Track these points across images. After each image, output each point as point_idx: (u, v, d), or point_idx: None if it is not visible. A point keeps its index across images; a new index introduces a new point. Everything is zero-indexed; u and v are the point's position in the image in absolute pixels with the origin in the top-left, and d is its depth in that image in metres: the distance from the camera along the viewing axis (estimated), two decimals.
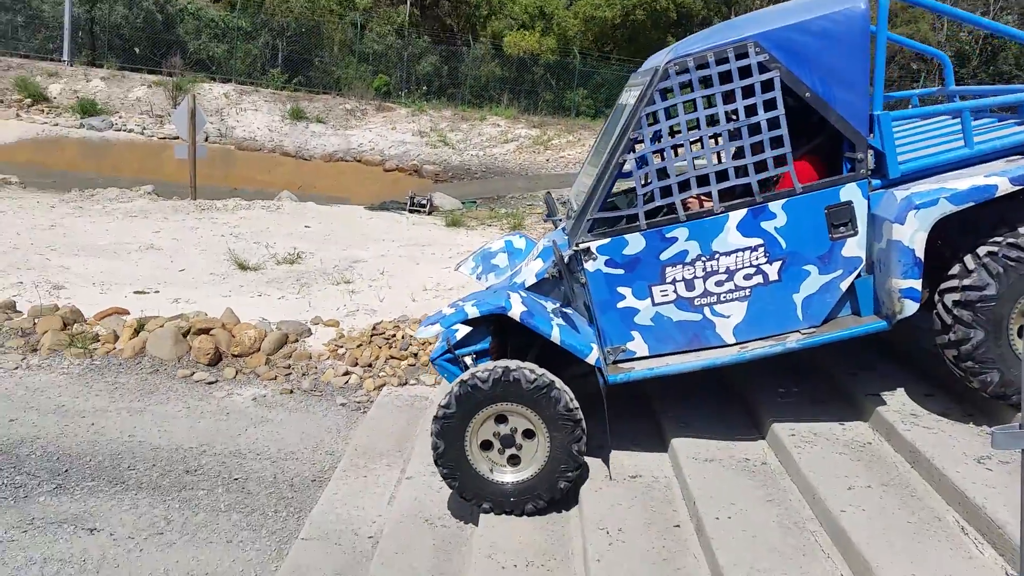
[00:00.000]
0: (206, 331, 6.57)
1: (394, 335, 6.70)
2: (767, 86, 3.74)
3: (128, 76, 26.00)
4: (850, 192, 3.72)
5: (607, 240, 3.87)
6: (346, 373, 6.28)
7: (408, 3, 32.76)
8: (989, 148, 3.79)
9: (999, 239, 3.52)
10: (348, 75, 28.85)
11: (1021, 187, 3.48)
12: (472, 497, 3.87)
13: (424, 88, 29.41)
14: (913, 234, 3.49)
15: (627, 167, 3.92)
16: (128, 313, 6.97)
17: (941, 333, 3.63)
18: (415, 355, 6.47)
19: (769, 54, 3.68)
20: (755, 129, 3.86)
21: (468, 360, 4.21)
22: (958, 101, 4.78)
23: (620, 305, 3.95)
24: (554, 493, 3.85)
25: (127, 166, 20.75)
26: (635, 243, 3.85)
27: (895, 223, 3.53)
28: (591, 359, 3.82)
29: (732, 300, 3.87)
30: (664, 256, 3.85)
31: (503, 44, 30.83)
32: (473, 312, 3.85)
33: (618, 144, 3.82)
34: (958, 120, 4.15)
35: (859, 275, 3.82)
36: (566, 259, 3.98)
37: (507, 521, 3.87)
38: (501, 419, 3.83)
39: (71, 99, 24.10)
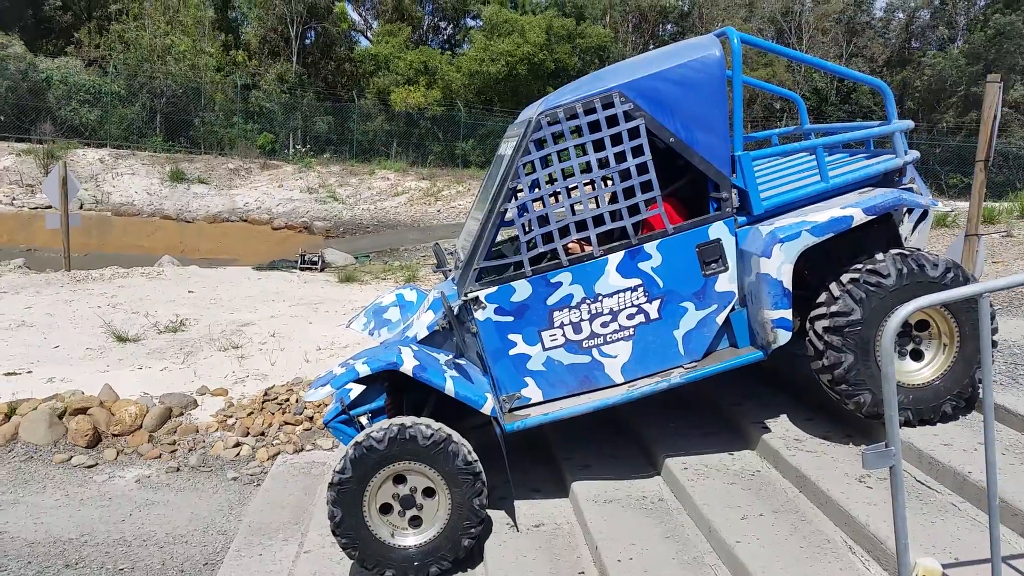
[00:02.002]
0: (83, 411, 6.20)
1: (287, 399, 6.50)
2: (633, 133, 3.91)
3: None
4: (718, 230, 3.89)
5: (494, 288, 3.92)
6: (237, 444, 6.03)
7: (293, 62, 32.61)
8: (843, 181, 4.04)
9: (859, 266, 3.72)
10: (232, 134, 28.31)
11: (874, 216, 3.72)
12: (374, 566, 3.74)
13: (310, 145, 29.16)
14: (780, 266, 3.65)
15: (509, 215, 3.99)
16: None
17: (815, 359, 3.81)
18: (311, 419, 6.29)
19: (633, 103, 3.85)
20: (626, 175, 4.02)
21: (364, 420, 4.14)
22: (813, 138, 5.11)
23: (512, 352, 3.98)
24: (458, 552, 3.77)
25: None
26: (522, 290, 3.92)
27: (762, 257, 3.69)
28: (486, 409, 3.81)
29: (618, 340, 3.97)
30: (551, 301, 3.93)
31: (390, 100, 31.03)
32: (364, 370, 3.78)
33: (499, 193, 3.91)
34: (814, 156, 4.44)
35: (733, 308, 3.97)
36: (455, 309, 4.00)
37: None
38: (400, 479, 3.75)
39: None
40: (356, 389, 4.22)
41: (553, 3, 35.15)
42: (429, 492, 3.77)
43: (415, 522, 3.79)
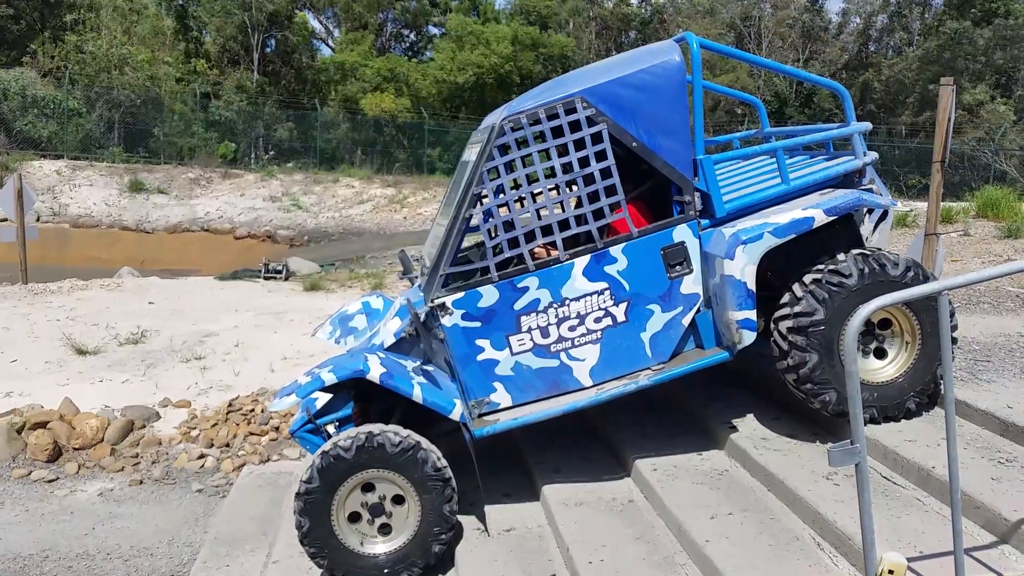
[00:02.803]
0: (43, 425, 6.05)
1: (252, 410, 6.41)
2: (596, 138, 3.93)
3: None
4: (682, 233, 3.94)
5: (461, 294, 3.91)
6: (201, 456, 5.93)
7: (254, 71, 32.30)
8: (804, 183, 4.11)
9: (821, 267, 3.77)
10: (192, 144, 27.94)
11: (835, 216, 3.78)
12: (343, 575, 3.71)
13: (273, 153, 28.89)
14: (743, 268, 3.70)
15: (474, 221, 4.00)
16: None
17: (780, 359, 3.85)
18: (276, 428, 6.21)
19: (595, 108, 3.88)
20: (589, 179, 4.06)
21: (331, 429, 4.08)
22: (774, 141, 5.19)
23: (480, 357, 3.97)
24: (428, 559, 3.75)
25: None
26: (489, 295, 3.91)
27: (726, 259, 3.73)
28: (455, 415, 3.81)
29: (585, 343, 3.98)
30: (518, 305, 3.93)
31: (362, 107, 30.87)
32: (330, 378, 3.75)
33: (463, 199, 3.91)
34: (775, 159, 4.45)
35: (699, 310, 4.01)
36: (422, 316, 3.99)
37: None
38: (368, 487, 3.71)
39: None
40: (322, 398, 4.16)
41: (518, 11, 35.28)
42: (398, 499, 3.74)
43: (384, 529, 3.76)
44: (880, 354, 3.88)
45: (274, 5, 31.76)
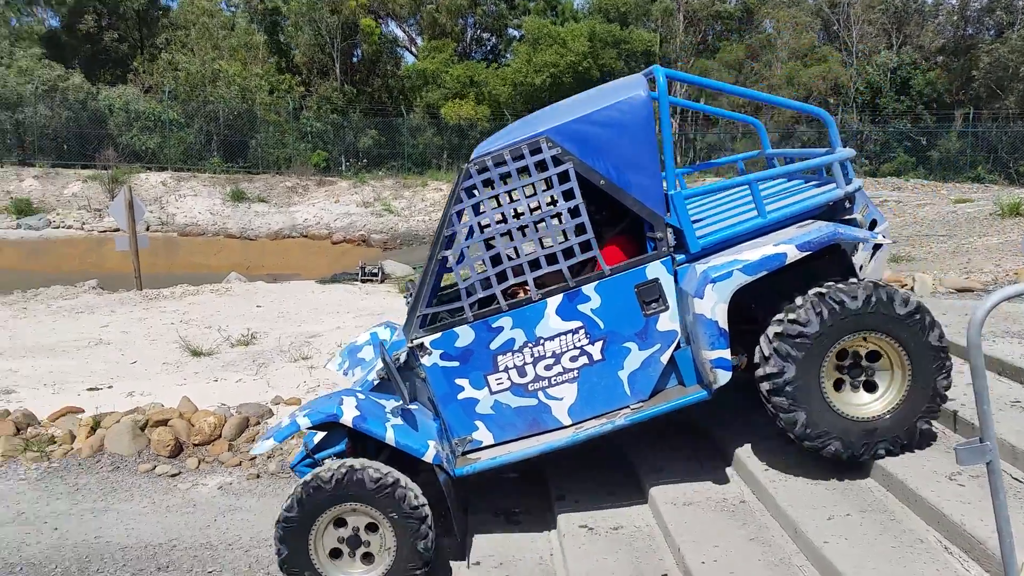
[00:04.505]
0: (164, 422, 6.40)
1: None
2: (563, 177, 3.93)
3: (62, 172, 25.68)
4: (655, 270, 3.89)
5: (439, 334, 3.97)
6: None
7: (340, 81, 33.21)
8: (782, 215, 3.95)
9: (831, 283, 3.65)
10: (287, 153, 28.94)
11: (808, 252, 3.63)
12: None
13: (364, 160, 29.64)
14: (714, 307, 3.61)
15: (449, 263, 4.00)
16: (83, 411, 6.75)
17: (759, 364, 3.72)
18: None
19: (561, 147, 3.87)
20: (559, 218, 4.04)
21: (327, 463, 4.11)
22: (776, 164, 5.04)
23: (460, 396, 4.03)
24: None
25: (68, 262, 20.36)
26: (465, 335, 3.96)
27: (695, 297, 3.66)
28: (428, 457, 3.81)
29: (563, 382, 3.99)
30: (494, 345, 3.97)
31: (441, 114, 31.39)
32: (305, 423, 3.86)
33: (437, 240, 3.97)
34: (769, 189, 4.42)
35: (678, 347, 3.95)
36: (403, 356, 4.03)
37: None
38: (341, 523, 3.79)
39: (3, 200, 23.64)
40: (320, 434, 4.21)
41: (597, 9, 35.10)
42: (373, 529, 3.80)
43: (366, 559, 3.81)
44: (870, 387, 3.75)
45: (353, 15, 32.59)
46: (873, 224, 4.25)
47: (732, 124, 31.54)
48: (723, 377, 3.69)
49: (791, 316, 3.61)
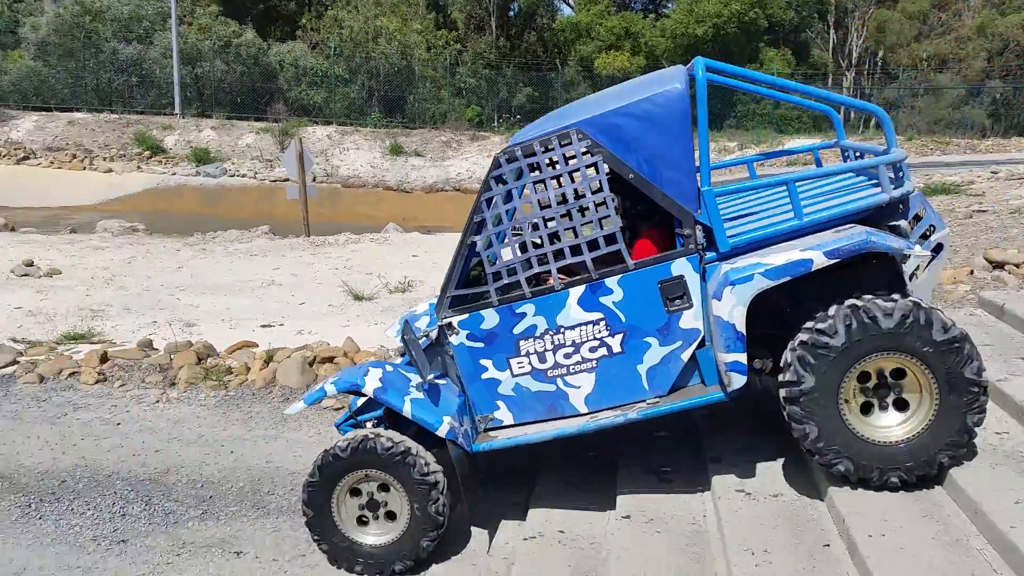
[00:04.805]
0: (330, 359, 6.78)
1: None
2: (593, 170, 3.92)
3: (236, 124, 27.45)
4: (681, 267, 3.82)
5: (466, 315, 4.07)
6: None
7: (495, 36, 33.40)
8: (820, 218, 3.77)
9: (869, 296, 3.47)
10: (442, 109, 29.58)
11: (837, 260, 3.47)
12: (344, 562, 4.11)
13: (517, 116, 29.83)
14: (732, 309, 3.54)
15: (478, 248, 4.05)
16: (257, 346, 7.27)
17: (782, 369, 3.60)
18: None
19: (592, 139, 3.84)
20: (587, 210, 4.06)
21: (369, 426, 4.40)
22: (853, 157, 4.71)
23: (484, 376, 4.13)
24: (419, 552, 4.02)
25: (242, 209, 21.84)
26: (490, 318, 4.04)
27: (714, 299, 3.62)
28: (442, 432, 3.95)
29: (581, 372, 4.02)
30: (517, 330, 4.03)
31: (594, 66, 31.00)
32: (331, 390, 4.17)
33: (468, 226, 4.05)
34: (819, 187, 4.28)
35: (702, 345, 3.88)
36: (434, 333, 4.20)
37: (642, 543, 3.79)
38: (358, 491, 4.07)
39: (185, 149, 25.59)
40: (363, 399, 4.44)
41: None
42: (385, 489, 4.05)
43: (375, 523, 4.09)
44: (901, 406, 3.56)
45: None
46: (931, 231, 4.05)
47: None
48: (737, 381, 3.64)
49: (819, 325, 3.48)
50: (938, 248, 4.06)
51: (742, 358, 3.60)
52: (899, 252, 3.54)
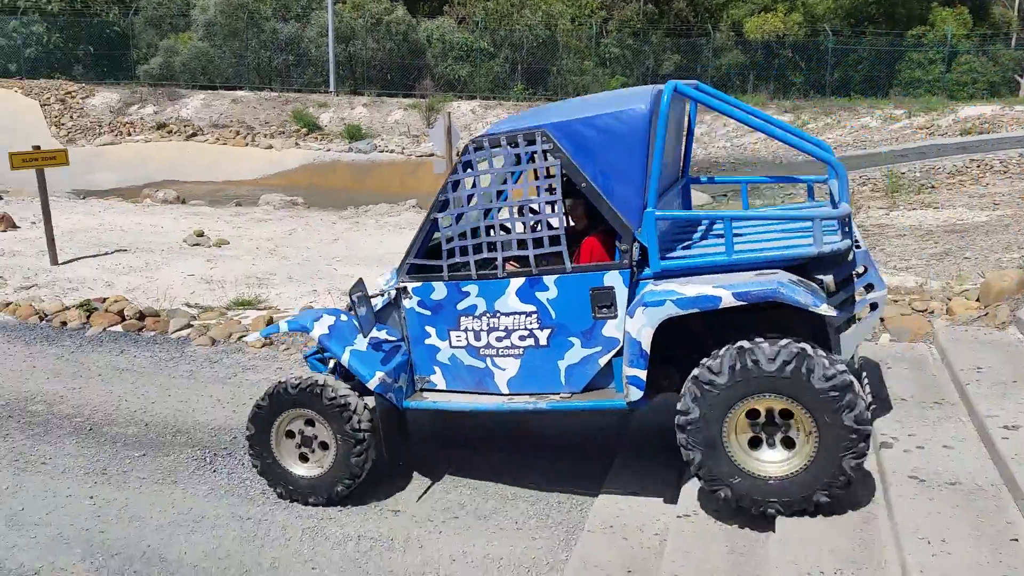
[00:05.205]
0: None
1: None
2: (549, 172, 4.22)
3: (385, 101, 28.35)
4: (613, 279, 3.99)
5: (419, 284, 4.41)
6: None
7: (641, 2, 32.59)
8: (748, 259, 3.86)
9: (760, 339, 3.60)
10: (585, 81, 29.28)
11: (744, 303, 3.60)
12: (272, 482, 4.65)
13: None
14: (640, 328, 3.76)
15: (439, 224, 4.31)
16: None
17: (679, 393, 3.78)
18: None
19: (555, 143, 4.01)
20: (538, 208, 4.24)
21: (331, 364, 4.84)
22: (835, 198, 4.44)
23: (427, 342, 4.48)
24: (331, 494, 4.51)
25: (390, 183, 22.58)
26: (439, 290, 4.37)
27: (628, 315, 3.85)
28: (372, 384, 4.36)
29: (508, 356, 4.30)
30: (460, 306, 4.34)
31: (744, 30, 29.71)
32: (284, 328, 4.83)
33: (434, 203, 4.30)
34: (769, 227, 4.43)
35: (619, 354, 4.04)
36: (392, 295, 4.59)
37: (805, 526, 3.62)
38: (308, 423, 4.52)
39: (339, 126, 26.70)
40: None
41: None
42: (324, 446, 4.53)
43: (303, 458, 4.59)
44: (789, 443, 3.67)
45: None
46: (869, 288, 4.07)
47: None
48: (635, 394, 3.90)
49: (709, 363, 3.66)
50: (874, 306, 4.08)
51: (642, 374, 3.84)
52: (804, 306, 3.58)
